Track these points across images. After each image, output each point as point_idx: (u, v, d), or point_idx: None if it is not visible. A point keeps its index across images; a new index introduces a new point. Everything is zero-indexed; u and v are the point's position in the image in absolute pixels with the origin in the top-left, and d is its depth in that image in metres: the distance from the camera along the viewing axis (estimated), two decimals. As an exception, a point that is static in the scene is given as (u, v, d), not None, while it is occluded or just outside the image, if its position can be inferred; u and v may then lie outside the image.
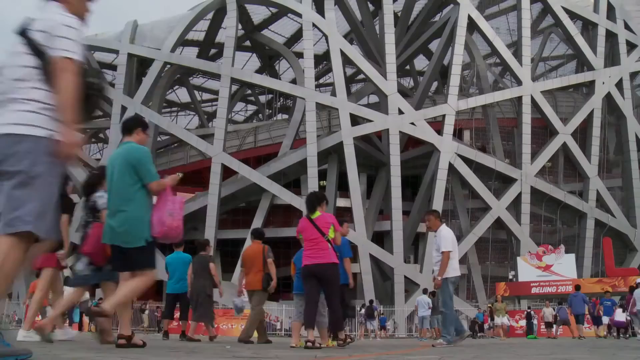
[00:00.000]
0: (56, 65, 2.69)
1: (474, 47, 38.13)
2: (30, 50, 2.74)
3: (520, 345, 8.97)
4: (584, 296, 20.18)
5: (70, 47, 2.73)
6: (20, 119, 2.67)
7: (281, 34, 43.43)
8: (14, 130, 2.64)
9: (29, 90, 2.72)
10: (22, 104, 2.69)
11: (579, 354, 5.15)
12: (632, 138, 37.52)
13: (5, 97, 2.73)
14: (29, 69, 2.74)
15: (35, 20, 2.82)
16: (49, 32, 2.74)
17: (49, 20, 2.76)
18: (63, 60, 2.70)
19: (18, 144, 2.63)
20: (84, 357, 3.59)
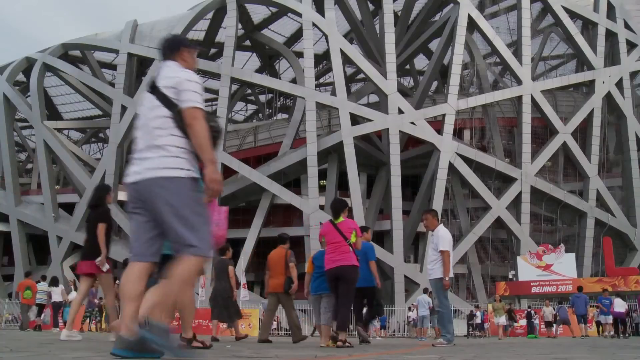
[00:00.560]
0: (187, 115, 3.15)
1: (474, 46, 38.12)
2: (163, 104, 3.21)
3: (520, 344, 8.98)
4: (587, 297, 20.11)
5: (196, 98, 3.22)
6: (166, 164, 3.14)
7: (281, 33, 43.44)
8: (163, 174, 3.12)
9: (168, 137, 3.17)
10: (164, 150, 3.16)
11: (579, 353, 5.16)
12: (632, 137, 37.52)
13: (148, 144, 3.20)
14: (164, 119, 3.20)
15: (159, 76, 3.32)
16: (176, 88, 3.22)
17: (175, 78, 3.25)
18: (193, 110, 3.17)
19: (169, 183, 3.12)
20: (84, 357, 3.60)
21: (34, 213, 37.88)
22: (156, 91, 3.26)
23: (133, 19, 38.23)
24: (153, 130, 3.20)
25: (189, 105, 3.17)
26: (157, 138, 3.18)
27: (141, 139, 3.26)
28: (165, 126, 3.19)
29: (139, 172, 3.19)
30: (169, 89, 3.23)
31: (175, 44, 3.55)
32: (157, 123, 3.20)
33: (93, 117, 49.51)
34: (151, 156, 3.17)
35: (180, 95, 3.20)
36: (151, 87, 3.31)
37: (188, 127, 3.15)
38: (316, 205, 33.23)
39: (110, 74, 42.98)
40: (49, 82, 43.13)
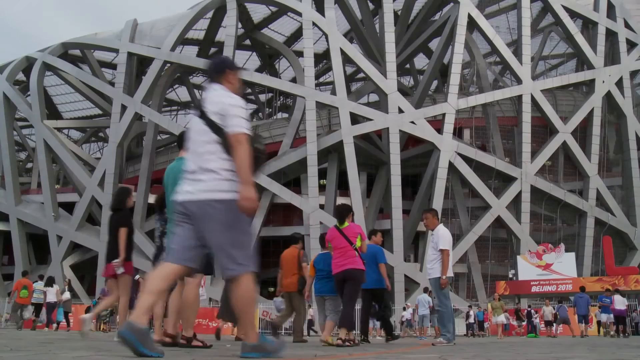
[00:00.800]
0: (232, 139, 3.37)
1: (474, 45, 38.11)
2: (211, 129, 3.44)
3: (520, 344, 8.98)
4: (589, 298, 20.06)
5: (241, 123, 3.42)
6: (218, 187, 3.39)
7: (281, 32, 43.42)
8: (215, 196, 3.38)
9: (218, 161, 3.42)
10: (216, 173, 3.41)
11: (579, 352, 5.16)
12: (632, 137, 37.52)
13: (200, 166, 3.45)
14: (214, 143, 3.43)
15: (206, 100, 3.54)
16: (222, 113, 3.44)
17: (221, 103, 3.47)
18: (237, 135, 3.38)
19: (221, 205, 3.37)
20: (84, 357, 3.60)
21: (34, 212, 37.87)
22: (204, 116, 3.49)
23: (133, 18, 38.23)
24: (204, 154, 3.45)
25: (234, 130, 3.39)
26: (208, 162, 3.42)
27: (192, 160, 3.53)
28: (215, 150, 3.42)
29: (192, 192, 3.44)
30: (216, 114, 3.45)
31: (221, 66, 3.73)
32: (207, 147, 3.44)
33: (93, 117, 49.50)
34: (204, 178, 3.41)
35: (226, 121, 3.41)
36: (200, 111, 3.53)
37: (232, 150, 3.38)
38: (316, 205, 33.23)
39: (110, 73, 42.97)
40: (48, 82, 43.12)
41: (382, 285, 8.39)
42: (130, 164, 43.88)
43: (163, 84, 39.42)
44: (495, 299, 22.20)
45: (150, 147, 38.73)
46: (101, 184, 35.61)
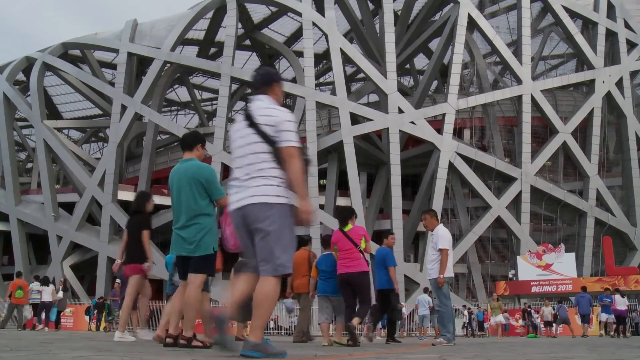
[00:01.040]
0: (285, 152, 3.59)
1: (474, 46, 38.10)
2: (264, 139, 3.63)
3: (520, 344, 8.97)
4: (591, 297, 20.03)
5: (293, 137, 3.64)
6: (268, 192, 3.59)
7: (281, 32, 43.42)
8: (265, 200, 3.57)
9: (268, 169, 3.62)
10: (265, 179, 3.61)
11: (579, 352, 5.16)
12: (632, 137, 37.51)
13: (250, 174, 3.65)
14: (265, 153, 3.63)
15: (255, 111, 3.71)
16: (276, 127, 3.63)
17: (275, 117, 3.66)
18: (290, 148, 3.61)
19: (269, 210, 3.56)
20: (83, 357, 3.60)
21: (34, 212, 37.86)
22: (255, 126, 3.67)
23: (133, 18, 38.22)
24: (254, 162, 3.65)
25: (287, 144, 3.61)
26: (260, 169, 3.63)
27: (241, 168, 3.71)
28: (266, 159, 3.63)
29: (242, 198, 3.65)
30: (269, 126, 3.64)
31: (268, 78, 3.90)
32: (259, 157, 3.64)
33: (93, 117, 49.50)
34: (254, 185, 3.62)
35: (279, 134, 3.62)
36: (249, 120, 3.72)
37: (284, 164, 3.60)
38: (316, 205, 33.21)
39: (110, 74, 42.97)
40: (48, 82, 43.11)
41: (390, 287, 8.63)
42: (130, 164, 43.90)
43: (163, 84, 39.42)
44: (494, 299, 22.21)
45: (150, 147, 38.73)
46: (101, 184, 35.60)
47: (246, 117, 3.74)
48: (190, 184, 5.26)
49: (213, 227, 5.25)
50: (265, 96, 3.80)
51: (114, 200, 35.38)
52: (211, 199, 5.30)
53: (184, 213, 5.25)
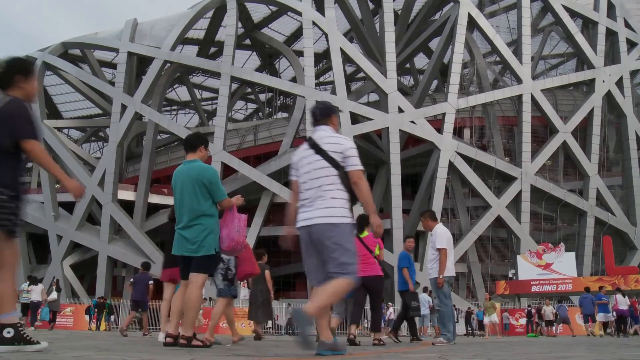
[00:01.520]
0: (353, 176, 4.06)
1: (474, 45, 38.10)
2: (331, 165, 4.06)
3: (520, 343, 8.98)
4: (594, 297, 19.99)
5: (358, 162, 4.10)
6: (334, 212, 4.01)
7: (281, 32, 43.41)
8: (331, 221, 3.99)
9: (335, 192, 4.04)
10: (332, 200, 4.03)
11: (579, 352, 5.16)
12: (632, 136, 37.51)
13: (318, 195, 4.05)
14: (331, 177, 4.05)
15: (321, 140, 4.18)
16: (342, 153, 4.09)
17: (341, 145, 4.13)
18: (357, 172, 4.07)
19: (336, 228, 3.99)
20: (83, 356, 3.60)
21: (34, 212, 37.82)
22: (323, 153, 4.12)
23: (133, 18, 38.21)
24: (323, 185, 4.08)
25: (354, 168, 4.09)
26: (326, 191, 4.05)
27: (309, 189, 4.13)
28: (333, 182, 4.05)
29: (311, 218, 4.06)
30: (337, 153, 4.10)
31: (327, 111, 4.41)
32: (326, 180, 4.07)
33: (93, 116, 49.49)
34: (321, 206, 4.03)
35: (346, 160, 4.09)
36: (315, 147, 4.19)
37: (354, 185, 4.06)
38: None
39: (110, 73, 42.96)
40: (48, 81, 43.09)
41: (405, 288, 9.18)
42: (130, 164, 43.88)
43: (163, 84, 39.41)
44: (486, 299, 22.18)
45: (150, 146, 38.72)
46: (101, 183, 35.61)
47: (312, 146, 4.22)
48: (193, 185, 5.31)
49: (215, 228, 5.31)
50: (326, 126, 4.31)
51: (114, 200, 35.38)
52: (214, 200, 5.36)
53: (187, 213, 5.30)
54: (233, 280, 7.04)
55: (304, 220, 4.12)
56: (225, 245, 5.36)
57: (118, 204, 35.60)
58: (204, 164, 5.61)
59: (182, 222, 5.33)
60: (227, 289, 7.00)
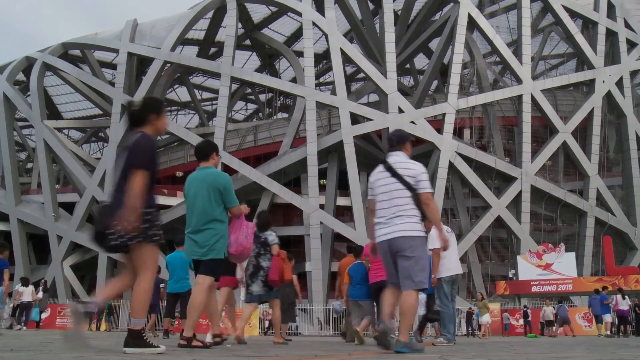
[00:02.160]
0: (424, 198, 4.85)
1: (474, 45, 38.09)
2: (406, 187, 4.81)
3: (520, 343, 8.98)
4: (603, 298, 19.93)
5: (429, 185, 4.88)
6: (410, 227, 4.76)
7: (281, 32, 43.42)
8: (409, 234, 4.75)
9: (409, 210, 4.79)
10: (408, 217, 4.79)
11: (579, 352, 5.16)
12: (633, 136, 37.51)
13: (396, 213, 4.79)
14: (405, 198, 4.80)
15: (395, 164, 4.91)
16: (415, 177, 4.85)
17: (414, 170, 4.88)
18: (428, 194, 4.87)
19: (412, 241, 4.74)
20: (84, 357, 3.61)
21: (34, 212, 37.87)
22: (398, 177, 4.86)
23: (133, 18, 38.22)
24: (399, 204, 4.81)
25: (425, 191, 4.85)
26: (403, 210, 4.79)
27: (387, 208, 4.87)
28: (408, 202, 4.80)
29: (390, 232, 4.80)
30: (410, 177, 4.84)
31: (402, 138, 5.14)
32: (402, 200, 4.81)
33: (93, 117, 49.51)
34: (398, 222, 4.78)
35: (418, 184, 4.83)
36: (390, 171, 4.91)
37: (425, 206, 4.83)
38: (316, 205, 33.23)
39: (110, 74, 42.96)
40: (49, 82, 43.11)
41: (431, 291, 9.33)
42: (131, 164, 43.81)
43: (163, 84, 39.41)
44: (479, 299, 22.18)
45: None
46: (101, 184, 35.62)
47: (387, 169, 4.95)
48: (208, 190, 5.44)
49: (225, 233, 5.45)
50: (401, 152, 5.03)
51: (114, 200, 35.34)
52: (225, 206, 5.49)
53: (197, 218, 5.42)
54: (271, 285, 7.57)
55: (383, 235, 4.86)
56: (233, 250, 5.54)
57: (118, 205, 35.56)
58: (218, 170, 5.78)
59: (190, 225, 5.45)
60: (266, 293, 7.57)
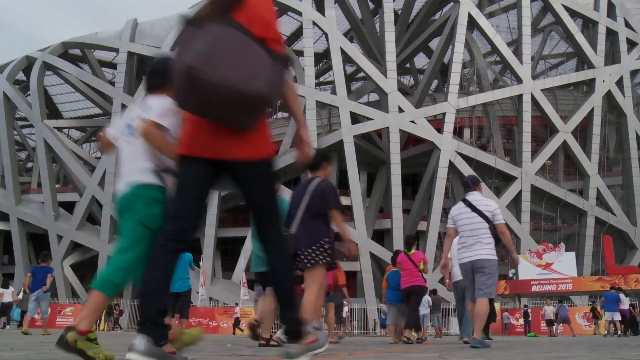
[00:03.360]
0: (500, 228, 6.27)
1: (474, 45, 38.08)
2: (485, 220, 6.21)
3: (520, 343, 8.98)
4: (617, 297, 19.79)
5: (502, 218, 6.33)
6: (488, 252, 6.18)
7: (281, 32, 43.24)
8: (487, 257, 6.15)
9: (487, 238, 6.20)
10: (486, 244, 6.19)
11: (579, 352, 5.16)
12: (633, 136, 37.51)
13: (477, 240, 6.19)
14: (484, 229, 6.21)
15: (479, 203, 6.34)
16: (492, 212, 6.27)
17: (491, 207, 6.34)
18: (503, 225, 6.31)
19: (489, 262, 6.15)
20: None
21: (34, 212, 37.88)
22: (478, 212, 6.26)
23: (133, 18, 38.23)
24: (479, 234, 6.21)
25: (501, 222, 6.31)
26: (482, 238, 6.20)
27: (469, 237, 6.26)
28: (486, 232, 6.22)
29: (473, 255, 6.20)
30: (488, 212, 6.27)
31: (476, 181, 6.70)
32: (481, 231, 6.22)
33: (93, 116, 49.51)
34: (479, 248, 6.18)
35: (494, 217, 6.26)
36: (471, 207, 6.31)
37: (501, 234, 6.27)
38: (316, 204, 33.18)
39: (111, 73, 42.98)
40: (49, 81, 43.12)
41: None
42: (131, 164, 43.85)
43: (163, 84, 39.37)
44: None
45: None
46: (101, 183, 35.62)
47: (468, 206, 6.34)
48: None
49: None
50: (477, 192, 6.50)
51: (114, 200, 35.35)
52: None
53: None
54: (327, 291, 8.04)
55: (467, 258, 6.24)
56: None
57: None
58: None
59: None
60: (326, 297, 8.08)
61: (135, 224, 2.83)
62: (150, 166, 2.89)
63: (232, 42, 2.32)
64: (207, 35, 2.27)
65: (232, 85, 2.24)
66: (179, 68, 2.27)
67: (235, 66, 2.27)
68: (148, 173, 2.89)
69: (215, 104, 2.30)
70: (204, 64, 2.21)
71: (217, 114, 2.36)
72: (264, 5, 2.59)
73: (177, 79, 2.32)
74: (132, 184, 2.93)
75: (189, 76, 2.23)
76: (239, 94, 2.26)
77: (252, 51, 2.35)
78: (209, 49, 2.24)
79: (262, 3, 2.58)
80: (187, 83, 2.25)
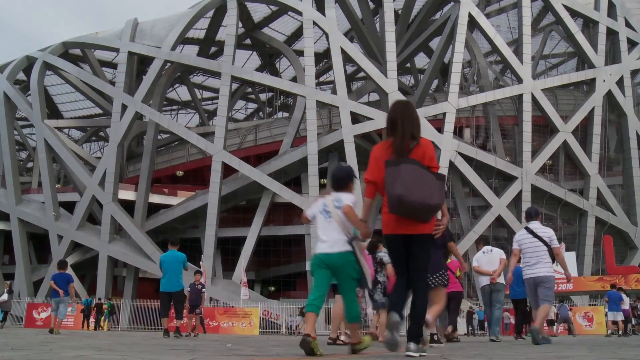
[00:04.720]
0: (556, 250, 7.81)
1: (474, 44, 38.06)
2: (543, 244, 7.73)
3: (520, 343, 8.98)
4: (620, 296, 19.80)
5: (557, 243, 7.86)
6: (548, 270, 7.69)
7: (282, 32, 43.41)
8: (546, 274, 7.70)
9: (545, 258, 7.71)
10: (546, 264, 7.70)
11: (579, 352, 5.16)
12: (633, 136, 37.49)
13: (537, 261, 7.69)
14: (544, 251, 7.71)
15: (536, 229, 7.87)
16: (550, 238, 7.77)
17: (549, 233, 7.83)
18: (558, 248, 7.81)
19: (548, 278, 7.66)
20: (84, 356, 3.61)
21: (35, 212, 37.88)
22: (539, 238, 7.76)
23: (133, 18, 38.22)
24: (540, 255, 7.71)
25: (557, 246, 7.76)
26: (542, 258, 7.68)
27: (532, 257, 7.79)
28: (545, 254, 7.70)
29: (535, 272, 7.71)
30: (547, 237, 7.75)
31: (537, 212, 8.16)
32: (541, 252, 7.70)
33: (93, 116, 49.54)
34: (540, 267, 7.69)
35: (551, 242, 7.72)
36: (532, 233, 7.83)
37: (557, 255, 7.76)
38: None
39: (111, 73, 43.00)
40: (49, 81, 43.13)
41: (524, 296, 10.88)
42: (131, 164, 43.91)
43: (163, 83, 39.42)
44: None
45: (150, 146, 38.74)
46: (102, 183, 35.62)
47: (530, 232, 7.85)
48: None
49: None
50: (537, 221, 7.98)
51: (114, 200, 35.40)
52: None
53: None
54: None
55: (530, 274, 7.75)
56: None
57: (118, 204, 35.62)
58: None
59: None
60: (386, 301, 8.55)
61: (351, 280, 4.85)
62: (345, 237, 4.76)
63: (417, 174, 4.12)
64: (404, 174, 4.09)
65: (424, 201, 4.09)
66: (394, 195, 4.14)
67: (422, 190, 4.08)
68: (346, 243, 4.75)
69: (415, 211, 4.17)
70: (407, 191, 4.06)
71: (414, 216, 4.21)
72: (429, 146, 4.34)
73: (392, 201, 4.19)
74: (340, 251, 4.77)
75: (400, 200, 4.11)
76: (427, 205, 4.13)
77: (428, 178, 4.15)
78: (407, 183, 4.07)
79: (428, 145, 4.35)
80: (398, 204, 4.13)
